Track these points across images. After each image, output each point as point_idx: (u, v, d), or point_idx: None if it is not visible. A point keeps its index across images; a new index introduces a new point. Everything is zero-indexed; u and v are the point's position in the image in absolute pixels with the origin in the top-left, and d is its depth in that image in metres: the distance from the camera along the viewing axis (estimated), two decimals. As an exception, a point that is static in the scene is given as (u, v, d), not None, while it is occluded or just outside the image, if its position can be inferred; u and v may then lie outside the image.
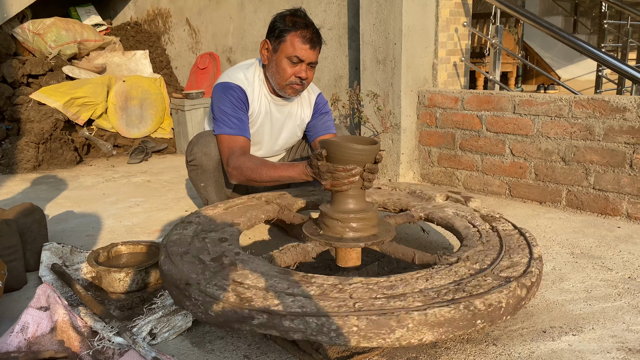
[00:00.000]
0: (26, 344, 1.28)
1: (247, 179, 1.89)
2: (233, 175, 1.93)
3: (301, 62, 1.96)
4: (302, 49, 1.93)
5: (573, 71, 6.60)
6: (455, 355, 1.33)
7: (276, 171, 1.80)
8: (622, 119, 2.32)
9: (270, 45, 2.00)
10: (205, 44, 4.68)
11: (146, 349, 1.26)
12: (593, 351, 1.34)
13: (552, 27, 2.81)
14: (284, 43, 1.94)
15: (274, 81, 2.03)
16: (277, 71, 1.99)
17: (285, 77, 1.98)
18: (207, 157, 2.04)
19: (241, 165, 1.88)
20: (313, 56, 1.97)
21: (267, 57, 2.03)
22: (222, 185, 2.12)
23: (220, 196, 2.12)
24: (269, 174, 1.81)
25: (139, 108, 4.27)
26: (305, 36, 1.93)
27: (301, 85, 2.02)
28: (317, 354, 1.31)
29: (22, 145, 3.59)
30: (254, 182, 1.87)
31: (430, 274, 1.27)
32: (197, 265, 1.32)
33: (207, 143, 2.05)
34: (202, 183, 2.10)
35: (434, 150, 3.04)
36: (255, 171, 1.84)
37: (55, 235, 2.26)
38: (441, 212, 1.76)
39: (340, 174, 1.48)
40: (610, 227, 2.29)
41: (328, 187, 1.54)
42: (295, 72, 1.97)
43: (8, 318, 1.51)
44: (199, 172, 2.08)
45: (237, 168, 1.89)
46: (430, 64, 3.09)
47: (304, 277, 1.24)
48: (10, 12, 4.25)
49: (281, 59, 1.96)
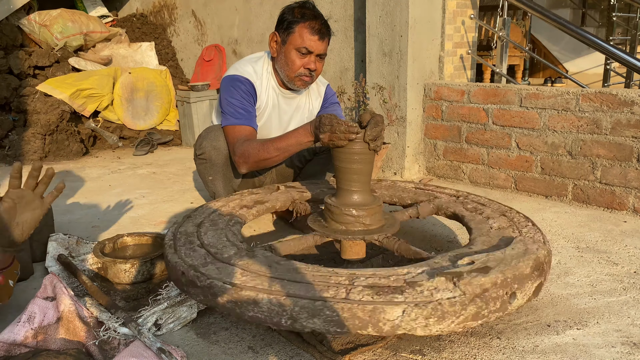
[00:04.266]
0: (33, 334, 1.29)
1: (255, 161, 1.86)
2: (240, 163, 1.91)
3: (310, 53, 1.96)
4: (311, 40, 1.94)
5: (581, 64, 6.54)
6: (459, 349, 1.33)
7: (282, 140, 1.78)
8: (630, 112, 2.30)
9: (279, 38, 2.00)
10: (211, 36, 4.67)
11: (151, 339, 1.27)
12: (597, 345, 1.34)
13: (560, 20, 2.79)
14: (293, 34, 1.94)
15: (283, 73, 2.03)
16: (286, 63, 1.99)
17: (294, 68, 1.98)
18: (217, 151, 2.04)
19: (246, 149, 1.88)
20: (322, 47, 1.97)
21: (276, 50, 2.03)
22: (229, 179, 2.12)
23: (228, 189, 2.13)
24: (276, 145, 1.79)
25: (145, 100, 4.28)
26: (314, 27, 1.93)
27: (310, 77, 2.02)
28: (321, 346, 1.32)
29: (28, 136, 3.61)
30: (263, 160, 1.84)
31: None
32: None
33: (217, 137, 2.05)
34: (211, 177, 2.11)
35: (439, 144, 3.03)
36: (262, 149, 1.83)
37: (61, 226, 2.27)
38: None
39: (340, 127, 1.48)
40: (616, 221, 2.28)
41: (326, 141, 1.54)
42: (304, 63, 1.97)
43: (15, 308, 1.53)
44: (207, 165, 2.08)
45: (243, 154, 1.88)
46: (436, 56, 3.07)
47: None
48: (17, 4, 4.25)
49: (290, 51, 1.97)
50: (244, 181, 2.26)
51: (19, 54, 4.05)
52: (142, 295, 1.64)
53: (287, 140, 1.77)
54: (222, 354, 1.33)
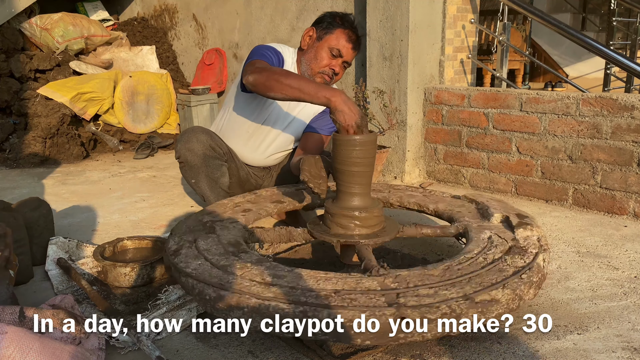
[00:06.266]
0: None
1: (269, 74, 1.74)
2: (252, 70, 1.78)
3: (339, 57, 2.06)
4: (345, 46, 2.05)
5: (581, 69, 6.55)
6: (459, 353, 1.33)
7: (302, 80, 1.69)
8: (630, 117, 2.30)
9: (315, 34, 2.09)
10: (211, 40, 4.68)
11: (150, 347, 1.27)
12: (598, 350, 1.34)
13: (560, 25, 2.79)
14: (331, 35, 2.05)
15: (307, 66, 2.09)
16: (315, 57, 2.07)
17: (321, 64, 2.06)
18: (191, 152, 2.05)
19: (266, 64, 1.83)
20: (350, 56, 2.09)
21: (308, 43, 2.11)
22: (215, 180, 2.10)
23: (216, 190, 2.11)
24: (297, 78, 1.69)
25: (146, 103, 4.28)
26: (351, 37, 2.05)
27: (330, 79, 2.10)
28: (321, 350, 1.31)
29: (29, 139, 3.61)
30: (276, 80, 1.71)
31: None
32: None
33: (189, 139, 2.06)
34: (193, 180, 2.11)
35: (440, 148, 3.03)
36: (283, 71, 1.75)
37: (61, 229, 2.27)
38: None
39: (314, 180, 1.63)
40: (616, 226, 2.28)
41: (302, 179, 1.63)
42: (331, 64, 2.07)
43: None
44: (187, 169, 2.09)
45: (261, 65, 1.80)
46: (437, 60, 3.08)
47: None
48: (18, 7, 4.26)
49: (323, 47, 2.06)
50: (232, 183, 2.22)
51: (20, 57, 4.06)
52: (142, 299, 1.63)
53: (306, 83, 1.66)
54: (222, 358, 1.33)
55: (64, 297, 1.40)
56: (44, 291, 1.71)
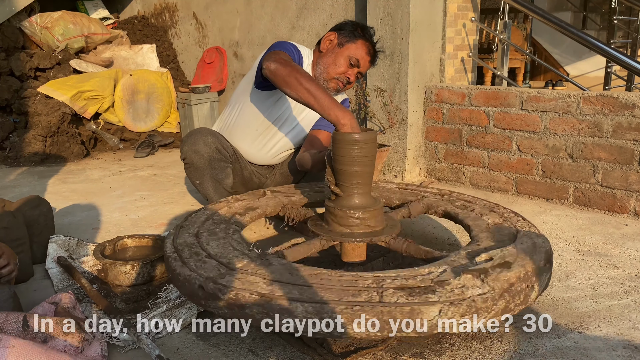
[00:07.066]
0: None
1: (291, 70, 1.69)
2: (275, 60, 1.74)
3: (357, 67, 2.08)
4: (364, 58, 2.07)
5: (582, 67, 6.53)
6: (460, 352, 1.33)
7: (320, 89, 1.63)
8: (631, 115, 2.30)
9: (337, 39, 2.10)
10: (212, 38, 4.67)
11: (150, 346, 1.27)
12: (599, 349, 1.34)
13: (561, 23, 2.79)
14: (353, 44, 2.07)
15: (324, 69, 2.09)
16: (334, 62, 2.07)
17: (338, 71, 2.07)
18: (197, 154, 2.06)
19: (291, 61, 1.76)
20: (366, 68, 2.11)
21: (327, 47, 2.11)
22: (219, 180, 2.12)
23: (219, 191, 2.12)
24: (315, 84, 1.64)
25: (146, 102, 4.28)
26: (370, 51, 2.09)
27: (344, 86, 2.12)
28: (322, 349, 1.31)
29: (29, 138, 3.61)
30: (295, 78, 1.66)
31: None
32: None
33: (196, 141, 2.07)
34: (198, 180, 2.13)
35: (440, 146, 3.02)
36: (305, 73, 1.69)
37: (61, 227, 2.27)
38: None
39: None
40: (617, 224, 2.28)
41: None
42: (347, 72, 2.08)
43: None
44: (192, 170, 2.11)
45: (285, 62, 1.73)
46: (437, 59, 3.07)
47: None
48: (18, 6, 4.26)
49: (342, 54, 2.07)
50: (242, 182, 2.24)
51: (20, 55, 4.06)
52: (142, 297, 1.63)
53: (323, 94, 1.62)
54: (222, 356, 1.33)
55: (65, 295, 1.40)
56: (44, 289, 1.71)
